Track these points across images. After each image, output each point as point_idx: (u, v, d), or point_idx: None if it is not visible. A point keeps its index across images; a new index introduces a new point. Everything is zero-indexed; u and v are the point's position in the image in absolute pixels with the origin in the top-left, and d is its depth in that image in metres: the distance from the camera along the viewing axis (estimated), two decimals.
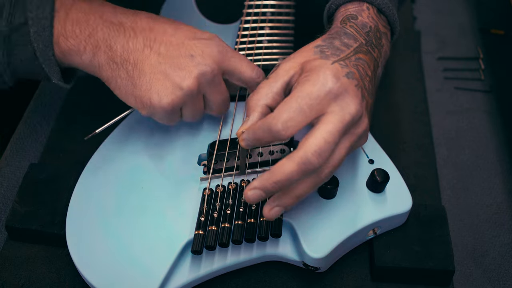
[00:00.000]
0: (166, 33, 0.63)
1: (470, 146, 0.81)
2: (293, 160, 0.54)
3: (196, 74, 0.61)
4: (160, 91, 0.61)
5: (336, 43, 0.60)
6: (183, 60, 0.62)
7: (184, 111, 0.64)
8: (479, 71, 0.90)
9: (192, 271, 0.61)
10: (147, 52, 0.62)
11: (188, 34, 0.64)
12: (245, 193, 0.56)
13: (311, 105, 0.55)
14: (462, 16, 0.99)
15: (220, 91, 0.65)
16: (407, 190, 0.66)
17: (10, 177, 0.74)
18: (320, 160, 0.54)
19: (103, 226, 0.62)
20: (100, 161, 0.68)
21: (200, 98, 0.64)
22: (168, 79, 0.61)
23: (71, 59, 0.62)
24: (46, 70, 0.62)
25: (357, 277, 0.65)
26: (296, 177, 0.54)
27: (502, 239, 0.71)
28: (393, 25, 0.67)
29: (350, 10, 0.65)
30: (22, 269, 0.65)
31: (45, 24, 0.60)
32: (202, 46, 0.63)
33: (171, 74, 0.61)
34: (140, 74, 0.61)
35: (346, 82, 0.56)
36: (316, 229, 0.62)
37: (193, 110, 0.64)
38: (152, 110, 0.62)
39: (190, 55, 0.62)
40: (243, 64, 0.65)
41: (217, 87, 0.64)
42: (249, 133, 0.57)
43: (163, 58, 0.61)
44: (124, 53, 0.61)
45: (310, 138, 0.54)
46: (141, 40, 0.62)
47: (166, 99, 0.61)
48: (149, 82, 0.61)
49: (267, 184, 0.55)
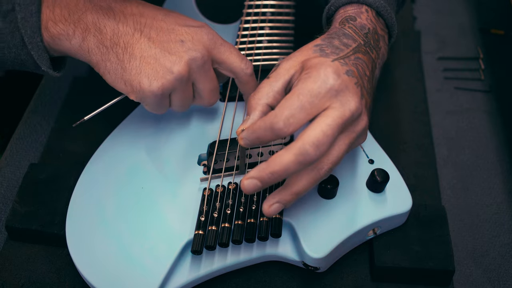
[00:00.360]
0: (157, 18, 0.63)
1: (470, 146, 0.81)
2: (291, 151, 0.54)
3: (187, 59, 0.61)
4: (150, 75, 0.60)
5: (336, 43, 0.60)
6: (173, 45, 0.61)
7: (173, 97, 0.64)
8: (479, 71, 0.90)
9: (192, 271, 0.61)
10: (137, 36, 0.61)
11: (179, 20, 0.64)
12: (241, 183, 0.56)
13: (312, 102, 0.55)
14: (462, 16, 0.99)
15: (210, 78, 0.64)
16: (407, 190, 0.66)
17: (10, 177, 0.74)
18: (317, 152, 0.54)
19: (103, 226, 0.62)
20: (100, 161, 0.68)
21: (189, 85, 0.64)
22: (158, 63, 0.61)
23: (61, 44, 0.61)
24: (35, 57, 0.61)
25: (357, 277, 0.65)
26: (293, 168, 0.54)
27: (502, 239, 0.71)
28: (391, 28, 0.68)
29: (349, 12, 0.65)
30: (22, 269, 0.65)
31: (33, 10, 0.59)
32: (192, 33, 0.63)
33: (162, 59, 0.61)
34: (130, 58, 0.61)
35: (347, 79, 0.57)
36: (316, 229, 0.62)
37: (182, 97, 0.64)
38: (142, 94, 0.61)
39: (180, 41, 0.62)
40: (233, 54, 0.65)
41: (207, 74, 0.64)
42: (249, 132, 0.57)
43: (153, 42, 0.61)
44: (114, 36, 0.61)
45: (309, 130, 0.54)
46: (131, 24, 0.62)
47: (156, 83, 0.60)
48: (139, 66, 0.60)
49: (264, 174, 0.55)
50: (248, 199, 0.63)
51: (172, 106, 0.65)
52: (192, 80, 0.64)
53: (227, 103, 0.73)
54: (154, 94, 0.61)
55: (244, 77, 0.66)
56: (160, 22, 0.63)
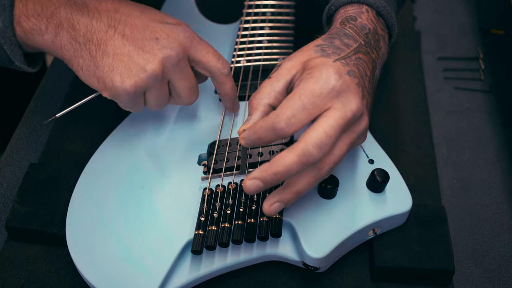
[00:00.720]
0: (132, 15, 0.62)
1: (470, 146, 0.81)
2: (294, 151, 0.54)
3: (161, 57, 0.60)
4: (123, 72, 0.60)
5: (337, 43, 0.60)
6: (147, 43, 0.61)
7: (148, 96, 0.63)
8: (479, 71, 0.90)
9: (192, 271, 0.61)
10: (111, 33, 0.61)
11: (155, 17, 0.63)
12: (244, 183, 0.56)
13: (314, 102, 0.55)
14: (462, 16, 0.99)
15: (186, 77, 0.64)
16: (407, 190, 0.66)
17: (10, 177, 0.74)
18: (320, 153, 0.54)
19: (103, 226, 0.62)
20: (100, 161, 0.68)
21: (164, 83, 0.63)
22: (131, 61, 0.60)
23: (33, 39, 0.61)
24: (8, 51, 0.61)
25: (357, 277, 0.65)
26: (295, 169, 0.54)
27: (502, 239, 0.71)
28: (391, 28, 0.68)
29: (350, 12, 0.65)
30: (22, 269, 0.65)
31: (5, 4, 0.59)
32: (167, 30, 0.62)
33: (135, 56, 0.60)
34: (103, 55, 0.60)
35: (348, 79, 0.57)
36: (316, 229, 0.62)
37: (157, 95, 0.63)
38: (114, 92, 0.61)
39: (155, 38, 0.61)
40: (209, 53, 0.64)
41: (182, 72, 0.63)
42: (250, 132, 0.57)
43: (127, 39, 0.61)
44: (88, 33, 0.60)
45: (311, 131, 0.54)
46: (105, 20, 0.61)
47: (128, 81, 0.60)
48: (112, 63, 0.60)
49: (266, 175, 0.55)
50: (248, 199, 0.63)
51: (147, 104, 0.64)
52: (168, 79, 0.63)
53: None
54: (127, 92, 0.60)
55: (221, 77, 0.65)
56: (135, 19, 0.62)
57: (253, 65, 0.76)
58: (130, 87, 0.60)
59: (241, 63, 0.76)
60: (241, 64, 0.76)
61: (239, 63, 0.76)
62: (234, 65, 0.76)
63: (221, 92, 0.68)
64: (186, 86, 0.64)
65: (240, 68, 0.76)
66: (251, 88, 0.74)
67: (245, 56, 0.77)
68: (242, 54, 0.77)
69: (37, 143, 0.78)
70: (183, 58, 0.62)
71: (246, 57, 0.76)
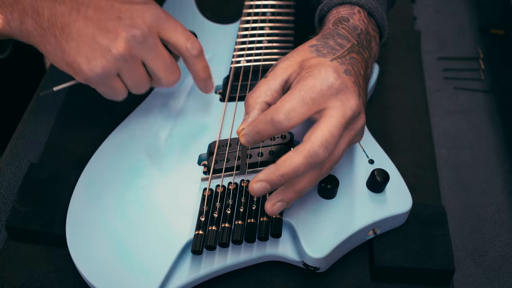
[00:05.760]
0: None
1: (470, 146, 0.81)
2: (300, 153, 0.54)
3: (125, 36, 0.60)
4: (88, 54, 0.59)
5: (331, 43, 0.61)
6: (111, 23, 0.60)
7: (124, 78, 0.62)
8: (479, 71, 0.90)
9: (192, 271, 0.61)
10: (74, 16, 0.60)
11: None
12: (250, 186, 0.56)
13: (314, 98, 0.55)
14: (462, 16, 0.99)
15: (159, 55, 0.62)
16: (407, 190, 0.66)
17: (10, 177, 0.74)
18: (326, 153, 0.54)
19: (103, 226, 0.62)
20: (100, 161, 0.68)
21: (137, 63, 0.62)
22: (95, 42, 0.59)
23: (1, 28, 0.61)
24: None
25: (357, 277, 0.65)
26: (302, 170, 0.54)
27: (502, 239, 0.71)
28: (382, 28, 0.68)
29: (342, 12, 0.65)
30: (22, 269, 0.65)
31: None
32: (131, 9, 0.61)
33: (98, 37, 0.59)
34: (68, 39, 0.59)
35: (346, 78, 0.57)
36: (316, 229, 0.62)
37: (132, 77, 0.62)
38: (83, 75, 0.60)
39: (117, 17, 0.60)
40: (177, 31, 0.63)
41: (153, 52, 0.62)
42: (250, 128, 0.57)
43: (90, 21, 0.60)
44: (52, 17, 0.60)
45: (316, 131, 0.54)
46: (68, 3, 0.60)
47: (95, 63, 0.59)
48: (77, 46, 0.59)
49: (274, 177, 0.55)
50: (248, 199, 0.63)
51: (128, 87, 0.64)
52: (140, 59, 0.62)
53: (227, 103, 0.73)
54: (96, 74, 0.59)
55: (190, 58, 0.64)
56: (99, 0, 0.61)
57: (253, 65, 0.76)
58: (98, 68, 0.59)
59: (241, 63, 0.76)
60: (241, 64, 0.76)
61: (239, 63, 0.76)
62: (234, 65, 0.76)
63: (191, 72, 0.67)
64: (160, 65, 0.63)
65: (240, 68, 0.76)
66: (251, 88, 0.74)
67: (245, 56, 0.77)
68: (242, 54, 0.77)
69: (37, 143, 0.78)
70: (149, 37, 0.61)
71: (246, 57, 0.77)
